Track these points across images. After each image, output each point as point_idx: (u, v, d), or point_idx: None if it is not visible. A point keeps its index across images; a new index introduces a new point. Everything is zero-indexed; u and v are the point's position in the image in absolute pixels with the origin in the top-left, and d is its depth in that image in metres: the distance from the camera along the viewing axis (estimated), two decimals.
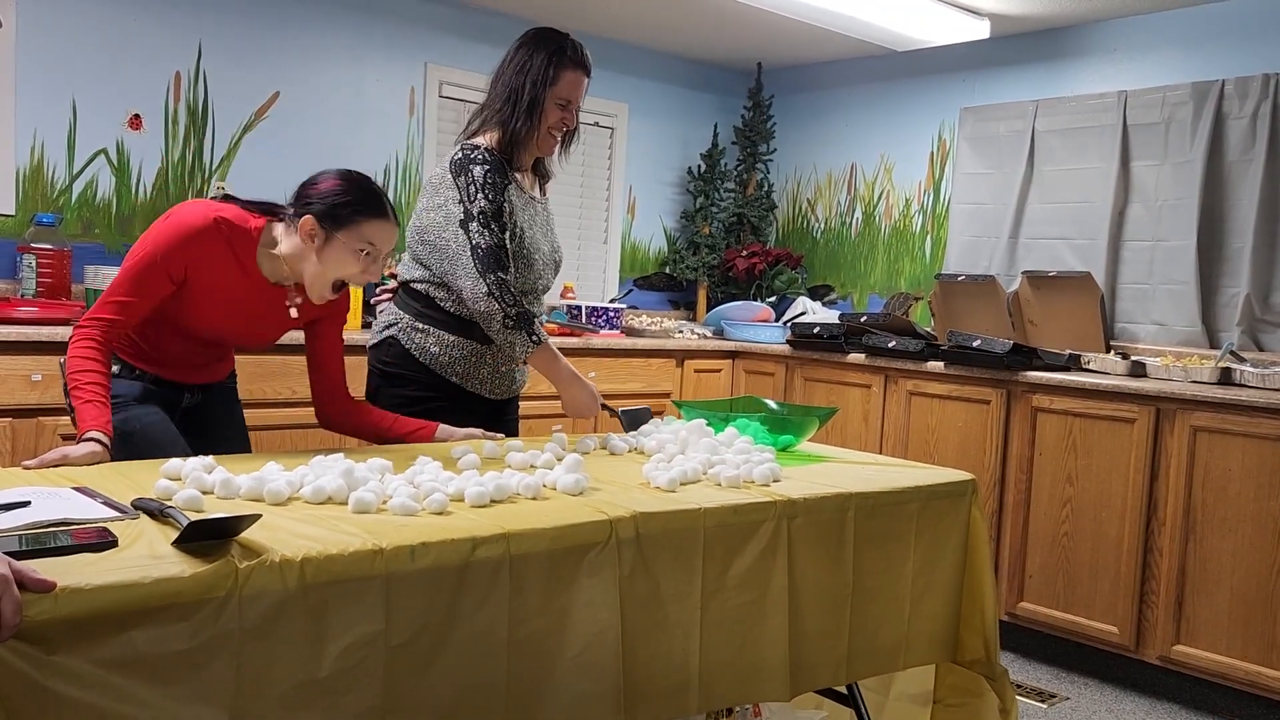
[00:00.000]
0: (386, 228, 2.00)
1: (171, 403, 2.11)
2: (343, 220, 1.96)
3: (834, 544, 1.87)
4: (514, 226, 2.30)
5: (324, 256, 1.97)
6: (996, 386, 3.50)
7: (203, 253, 1.95)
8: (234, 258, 1.98)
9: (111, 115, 3.50)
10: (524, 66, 2.31)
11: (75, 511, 1.39)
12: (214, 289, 1.99)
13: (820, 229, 5.02)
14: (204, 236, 1.95)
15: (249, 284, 2.02)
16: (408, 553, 1.37)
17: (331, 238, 1.96)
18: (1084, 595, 3.30)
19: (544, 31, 2.35)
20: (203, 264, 1.96)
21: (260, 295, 2.04)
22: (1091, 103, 4.01)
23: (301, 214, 1.96)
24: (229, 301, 2.02)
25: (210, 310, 2.02)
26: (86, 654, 1.12)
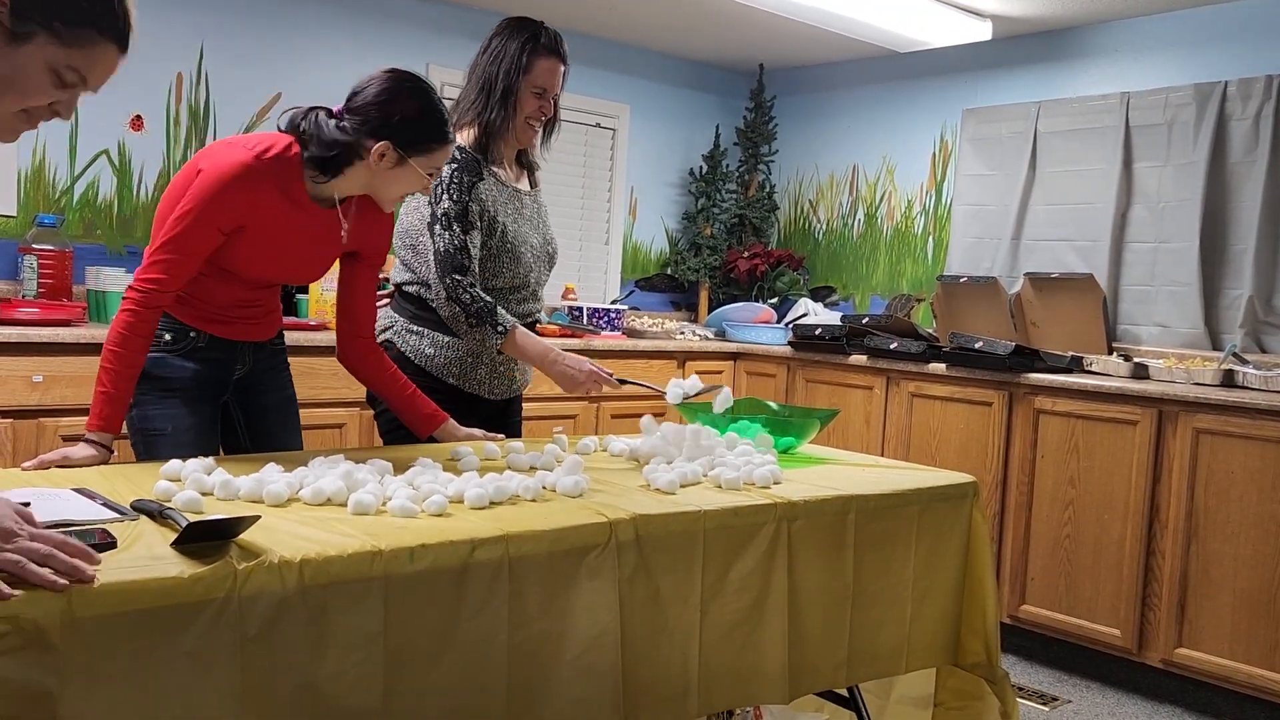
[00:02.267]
0: (448, 151, 1.98)
1: (222, 380, 2.06)
2: (418, 146, 1.92)
3: (834, 546, 1.87)
4: (490, 222, 2.26)
5: (393, 176, 1.93)
6: (998, 388, 3.49)
7: (253, 198, 1.87)
8: (281, 193, 1.90)
9: (113, 116, 3.50)
10: (498, 55, 2.27)
11: (75, 513, 1.39)
12: (267, 229, 1.91)
13: (822, 230, 5.01)
14: (250, 180, 1.85)
15: (302, 216, 1.95)
16: (407, 554, 1.36)
17: (404, 161, 1.92)
18: (1086, 598, 3.29)
19: (518, 20, 2.31)
20: (254, 210, 1.88)
21: (312, 222, 1.97)
22: (1094, 104, 4.01)
23: (375, 135, 1.88)
24: (283, 238, 1.94)
25: (264, 252, 1.95)
26: (88, 655, 1.12)
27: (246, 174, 1.85)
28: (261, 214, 1.89)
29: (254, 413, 2.13)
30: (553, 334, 3.89)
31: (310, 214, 1.96)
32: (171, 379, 1.98)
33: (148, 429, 1.98)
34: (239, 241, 1.91)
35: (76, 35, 1.22)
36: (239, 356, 2.08)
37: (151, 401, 1.97)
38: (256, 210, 1.88)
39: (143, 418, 1.98)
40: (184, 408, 1.99)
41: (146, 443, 1.99)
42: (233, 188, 1.84)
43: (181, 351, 2.00)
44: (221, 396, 2.09)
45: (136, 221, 3.57)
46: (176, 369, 1.99)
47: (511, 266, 2.32)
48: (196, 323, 2.00)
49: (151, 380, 1.97)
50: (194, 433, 2.00)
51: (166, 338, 1.98)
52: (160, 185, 3.62)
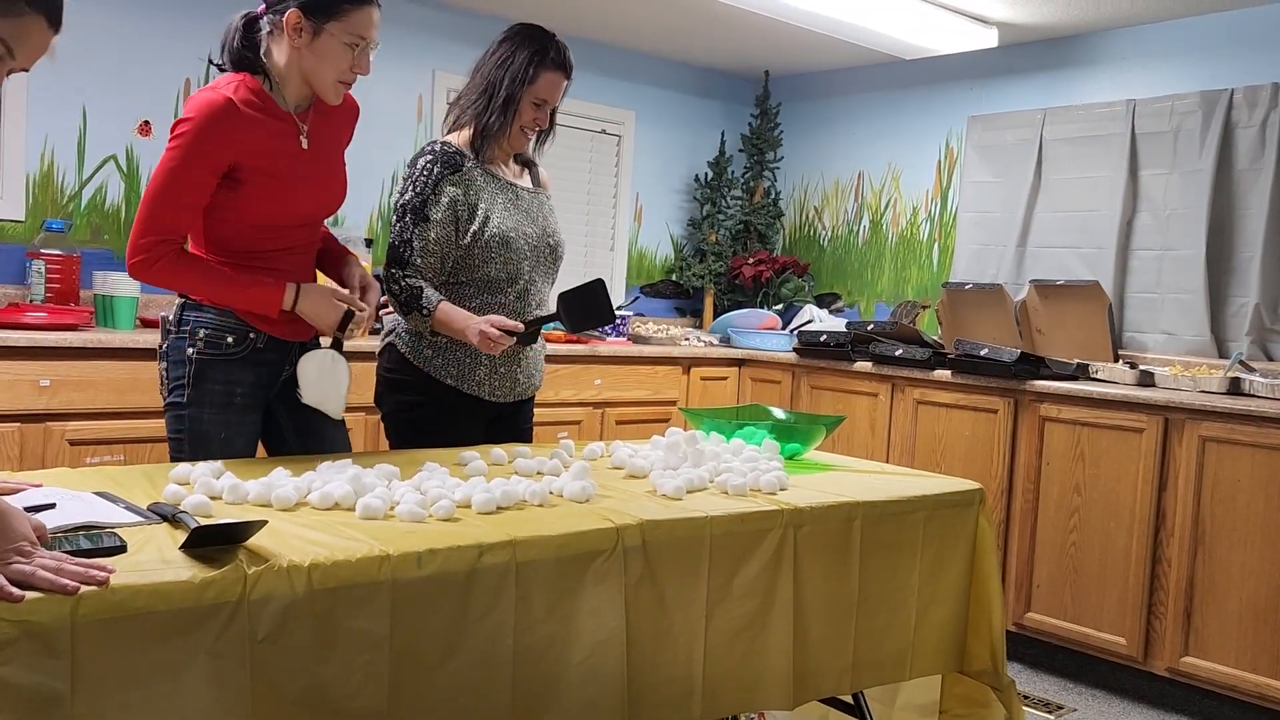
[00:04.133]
0: (371, 14, 1.91)
1: (271, 384, 2.06)
2: (328, 10, 1.88)
3: (840, 553, 1.87)
4: (471, 210, 2.26)
5: (317, 52, 1.90)
6: (1004, 395, 3.49)
7: (229, 129, 1.87)
8: (256, 111, 1.91)
9: (121, 122, 3.52)
10: (504, 62, 2.29)
11: (96, 515, 1.40)
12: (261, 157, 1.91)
13: (827, 237, 5.02)
14: (224, 114, 1.86)
15: (280, 125, 1.95)
16: (414, 559, 1.37)
17: (320, 31, 1.89)
18: (1092, 606, 3.28)
19: (529, 28, 2.33)
20: (237, 140, 1.88)
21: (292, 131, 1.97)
22: (1099, 112, 4.01)
23: (284, 8, 1.88)
24: (280, 157, 1.94)
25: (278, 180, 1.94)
26: (99, 659, 1.12)
27: (219, 112, 1.86)
28: (245, 145, 1.89)
29: (300, 411, 2.07)
30: (557, 340, 3.89)
31: (287, 125, 1.96)
32: (233, 384, 1.99)
33: (199, 430, 1.98)
34: (247, 180, 1.91)
35: (4, 5, 1.19)
36: (289, 357, 2.08)
37: (210, 404, 1.98)
38: (237, 141, 1.88)
39: (195, 418, 1.98)
40: (238, 415, 2.01)
41: (194, 443, 1.98)
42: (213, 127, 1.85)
43: (242, 356, 2.00)
44: (268, 399, 2.09)
45: None
46: (239, 375, 1.99)
47: (501, 253, 2.29)
48: (258, 322, 1.99)
49: (212, 383, 1.98)
50: (242, 439, 2.02)
51: (229, 340, 1.98)
52: None
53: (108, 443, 2.94)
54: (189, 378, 1.98)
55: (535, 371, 2.44)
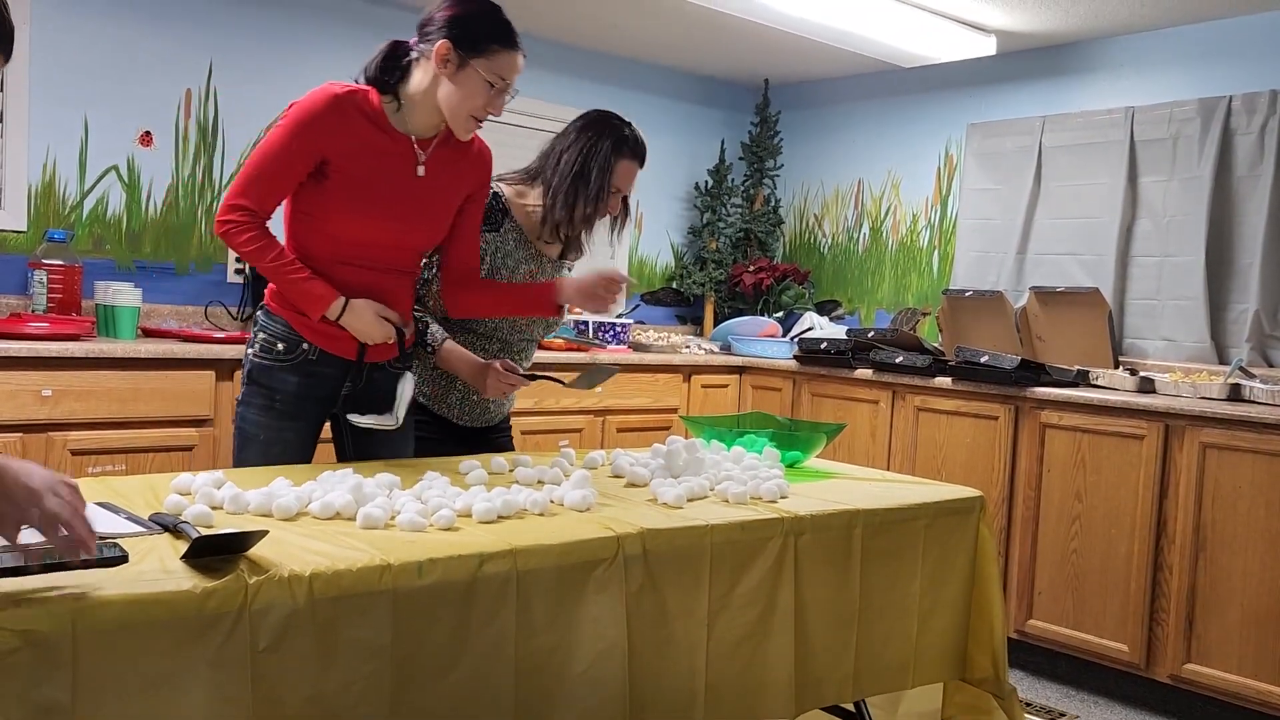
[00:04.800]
0: (516, 60, 1.98)
1: (328, 396, 2.07)
2: (479, 47, 1.93)
3: (841, 561, 1.87)
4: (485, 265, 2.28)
5: (457, 84, 1.94)
6: (1004, 402, 3.49)
7: (337, 122, 1.92)
8: (366, 119, 1.96)
9: (123, 132, 3.53)
10: (590, 151, 2.31)
11: (99, 526, 1.40)
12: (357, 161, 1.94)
13: (827, 244, 5.02)
14: (336, 106, 1.92)
15: (390, 143, 1.98)
16: (415, 568, 1.37)
17: (465, 64, 1.94)
18: (1093, 613, 3.28)
19: (606, 116, 2.39)
20: (339, 135, 1.92)
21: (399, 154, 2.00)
22: (1099, 119, 4.02)
23: (436, 40, 1.93)
24: (375, 172, 1.97)
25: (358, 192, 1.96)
26: (100, 669, 1.13)
27: (334, 103, 1.93)
28: (344, 143, 1.93)
29: (360, 430, 2.11)
30: (559, 347, 3.90)
31: (397, 147, 1.99)
32: (275, 390, 2.04)
33: (244, 429, 2.07)
34: (333, 180, 1.94)
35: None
36: (350, 374, 2.08)
37: (254, 406, 2.06)
38: (339, 137, 1.93)
39: (242, 417, 2.07)
40: (280, 420, 2.05)
41: (240, 442, 2.08)
42: (322, 113, 1.92)
43: (290, 364, 2.03)
44: (328, 410, 2.11)
45: (145, 236, 3.59)
46: (280, 382, 2.03)
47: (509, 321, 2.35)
48: (311, 334, 2.02)
49: (258, 386, 2.05)
50: (281, 445, 2.05)
51: (279, 348, 2.03)
52: (169, 200, 3.64)
53: (109, 453, 2.94)
54: (245, 379, 2.08)
55: (505, 401, 2.45)
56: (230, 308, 3.69)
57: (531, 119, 4.45)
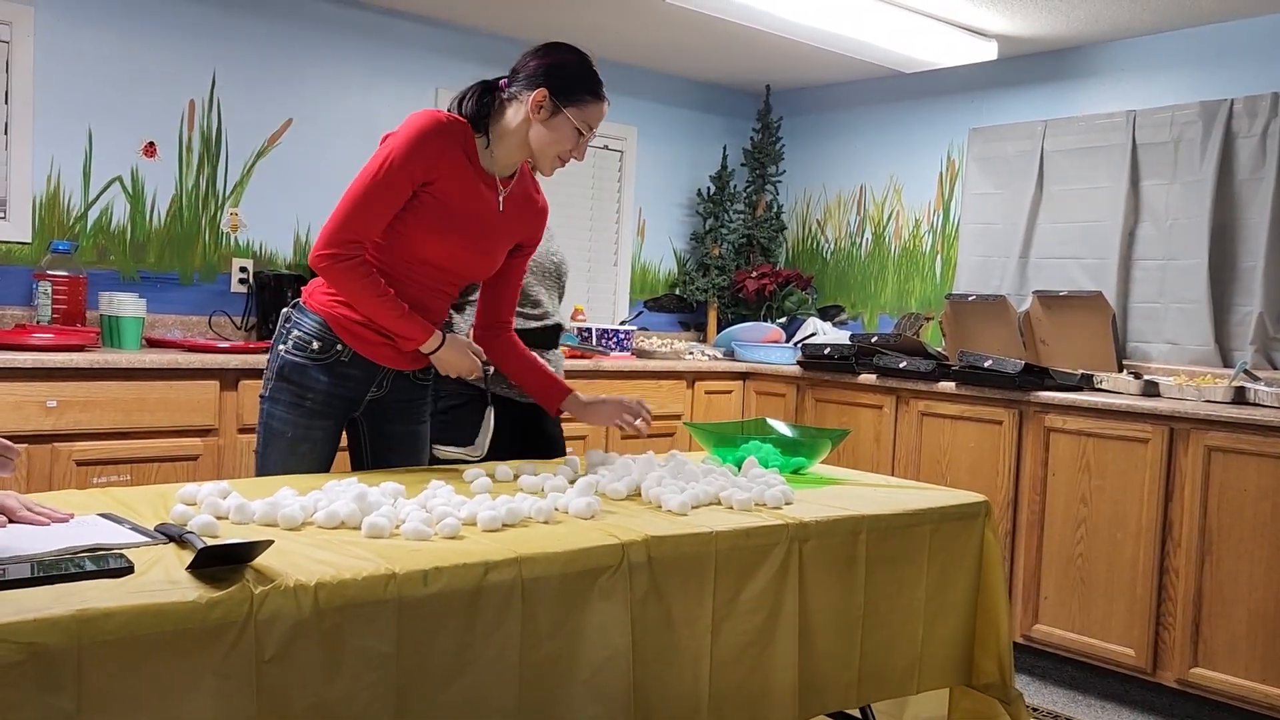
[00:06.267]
0: (602, 111, 2.10)
1: (354, 399, 2.11)
2: (572, 96, 2.04)
3: (846, 567, 1.87)
4: None
5: (549, 128, 2.04)
6: (1009, 407, 3.49)
7: (443, 148, 2.00)
8: (462, 151, 2.04)
9: (126, 143, 3.54)
10: None
11: (102, 537, 1.40)
12: (448, 187, 2.01)
13: (830, 249, 5.03)
14: (442, 132, 2.00)
15: (476, 180, 2.06)
16: (420, 577, 1.37)
17: (559, 111, 2.03)
18: (1100, 617, 3.27)
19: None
20: (443, 159, 2.00)
21: (483, 191, 2.08)
22: (1100, 123, 4.02)
23: (532, 86, 2.03)
24: (460, 200, 2.04)
25: (443, 217, 2.03)
26: (106, 680, 1.13)
27: (440, 127, 1.99)
28: (446, 165, 2.00)
29: (379, 437, 2.19)
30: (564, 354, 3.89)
31: (483, 180, 2.07)
32: (306, 388, 2.07)
33: (271, 426, 2.09)
34: (424, 203, 2.00)
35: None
36: (376, 379, 2.13)
37: (283, 402, 2.08)
38: (442, 161, 1.99)
39: (269, 414, 2.10)
40: (308, 419, 2.08)
41: (266, 438, 2.10)
42: (429, 136, 1.98)
43: (323, 363, 2.07)
44: (352, 413, 2.15)
45: (149, 247, 3.60)
46: (312, 380, 2.07)
47: None
48: (347, 336, 2.05)
49: (288, 383, 2.08)
50: (308, 444, 2.08)
51: (314, 346, 2.06)
52: (173, 211, 3.65)
53: (114, 463, 2.95)
54: (274, 375, 2.09)
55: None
56: (234, 317, 3.70)
57: None
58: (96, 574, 1.25)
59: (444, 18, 4.17)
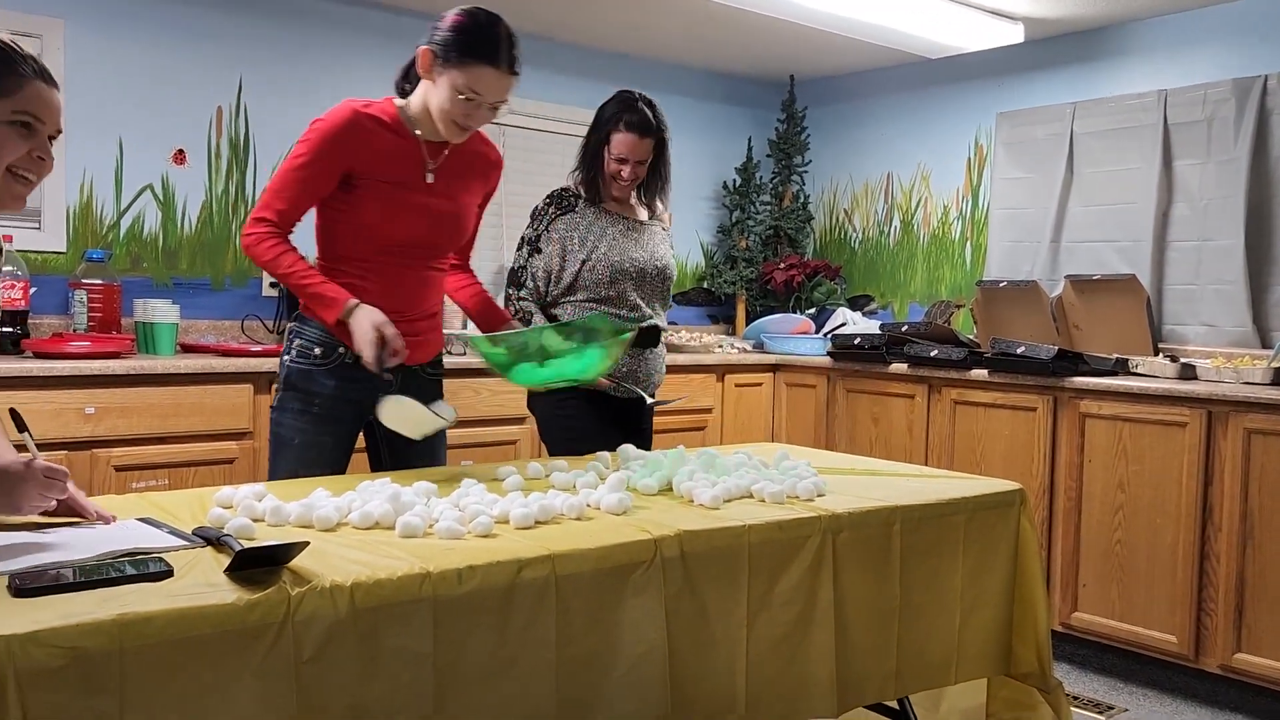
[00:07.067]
0: (489, 75, 1.98)
1: (364, 401, 2.09)
2: (450, 58, 1.98)
3: (880, 558, 1.86)
4: (576, 245, 2.60)
5: (436, 90, 2.01)
6: (1043, 393, 3.45)
7: (353, 141, 2.00)
8: (382, 131, 2.04)
9: (156, 151, 3.58)
10: (595, 123, 2.64)
11: (141, 541, 1.42)
12: (379, 169, 2.02)
13: (858, 239, 4.99)
14: (351, 126, 2.00)
15: (409, 147, 2.06)
16: (455, 576, 1.38)
17: (441, 71, 1.99)
18: (1140, 604, 3.23)
19: (621, 94, 2.64)
20: (360, 151, 2.00)
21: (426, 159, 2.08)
22: (1130, 103, 3.96)
23: (424, 44, 2.01)
24: (400, 178, 2.04)
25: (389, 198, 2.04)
26: (148, 682, 1.14)
27: (348, 124, 2.00)
28: (367, 156, 2.01)
29: (396, 437, 2.12)
30: None
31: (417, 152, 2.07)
32: (313, 394, 2.08)
33: (280, 434, 2.11)
34: (362, 191, 2.02)
35: (7, 84, 1.35)
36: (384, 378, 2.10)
37: (290, 410, 2.09)
38: (360, 153, 2.00)
39: (278, 422, 2.11)
40: (316, 425, 2.09)
41: (275, 446, 2.12)
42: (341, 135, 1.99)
43: (328, 367, 2.08)
44: (364, 416, 2.14)
45: (181, 253, 3.64)
46: (319, 385, 2.07)
47: (605, 278, 2.60)
48: (346, 338, 2.04)
49: (295, 391, 2.09)
50: (317, 450, 2.08)
51: (316, 352, 2.08)
52: (203, 217, 3.69)
53: (152, 468, 2.99)
54: (282, 384, 2.11)
55: (654, 374, 2.74)
56: (266, 321, 3.74)
57: (558, 124, 4.47)
58: (137, 578, 1.26)
59: None
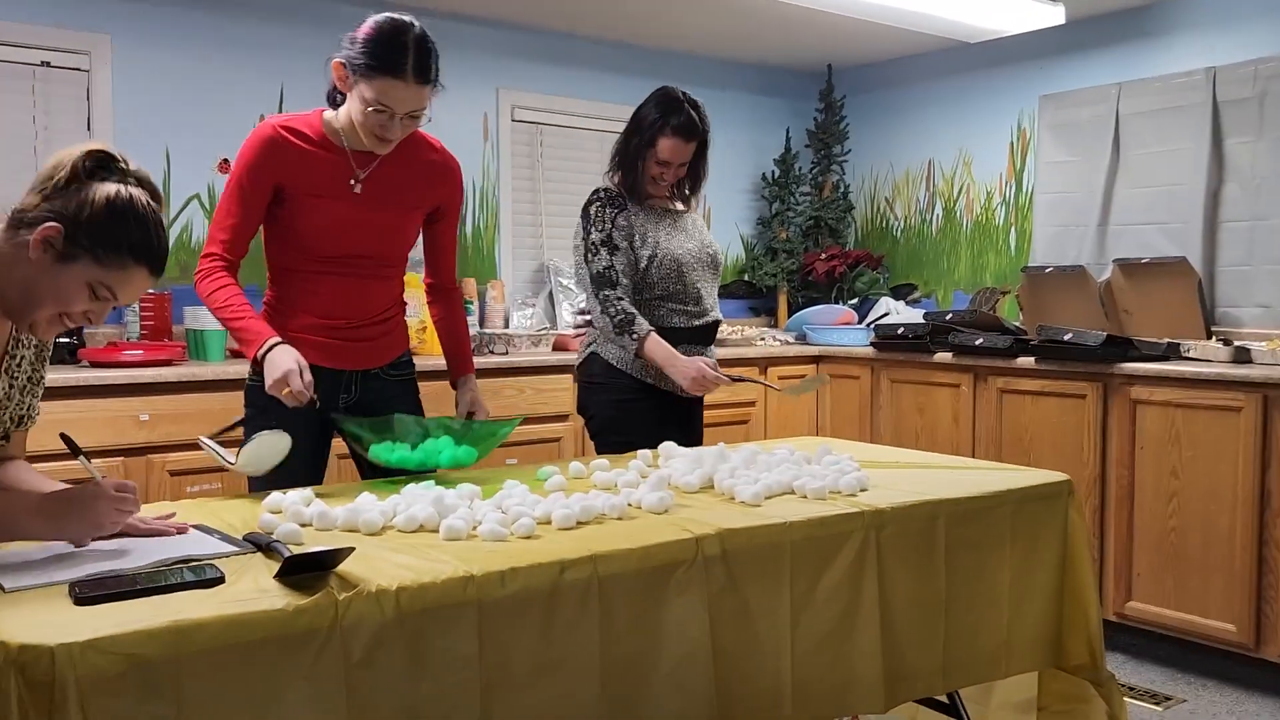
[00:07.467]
0: (396, 88, 1.92)
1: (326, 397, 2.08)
2: (355, 67, 1.94)
3: (925, 552, 1.84)
4: (643, 239, 2.58)
5: (351, 102, 1.99)
6: (1092, 380, 3.39)
7: (283, 156, 2.02)
8: (312, 143, 2.04)
9: (202, 160, 3.65)
10: (637, 124, 2.60)
11: (196, 548, 1.46)
12: (307, 182, 2.03)
13: (900, 228, 4.94)
14: (270, 146, 2.02)
15: (333, 159, 2.05)
16: (498, 578, 1.40)
17: (353, 86, 1.97)
18: (1196, 592, 3.17)
19: (666, 94, 2.60)
20: (282, 168, 2.02)
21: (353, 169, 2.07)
22: (1177, 82, 3.87)
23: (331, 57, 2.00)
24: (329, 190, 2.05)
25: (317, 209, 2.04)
26: (204, 687, 1.17)
27: (266, 145, 2.03)
28: (291, 171, 2.02)
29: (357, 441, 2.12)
30: None
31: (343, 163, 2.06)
32: (270, 410, 2.03)
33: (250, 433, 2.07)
34: (291, 205, 2.04)
35: (115, 260, 1.43)
36: (342, 383, 2.13)
37: (254, 425, 2.03)
38: (283, 169, 2.02)
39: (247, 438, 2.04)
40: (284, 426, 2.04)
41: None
42: (261, 156, 2.02)
43: None
44: (328, 426, 2.14)
45: None
46: (270, 401, 2.01)
47: (673, 271, 2.60)
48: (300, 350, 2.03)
49: (254, 408, 2.08)
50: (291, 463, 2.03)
51: None
52: None
53: (206, 472, 3.05)
54: (246, 404, 2.12)
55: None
56: None
57: (594, 120, 4.48)
58: (190, 585, 1.30)
59: (503, 18, 4.20)
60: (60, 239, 1.40)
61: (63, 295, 1.43)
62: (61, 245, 1.40)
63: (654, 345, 2.52)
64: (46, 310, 1.44)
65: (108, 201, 1.42)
